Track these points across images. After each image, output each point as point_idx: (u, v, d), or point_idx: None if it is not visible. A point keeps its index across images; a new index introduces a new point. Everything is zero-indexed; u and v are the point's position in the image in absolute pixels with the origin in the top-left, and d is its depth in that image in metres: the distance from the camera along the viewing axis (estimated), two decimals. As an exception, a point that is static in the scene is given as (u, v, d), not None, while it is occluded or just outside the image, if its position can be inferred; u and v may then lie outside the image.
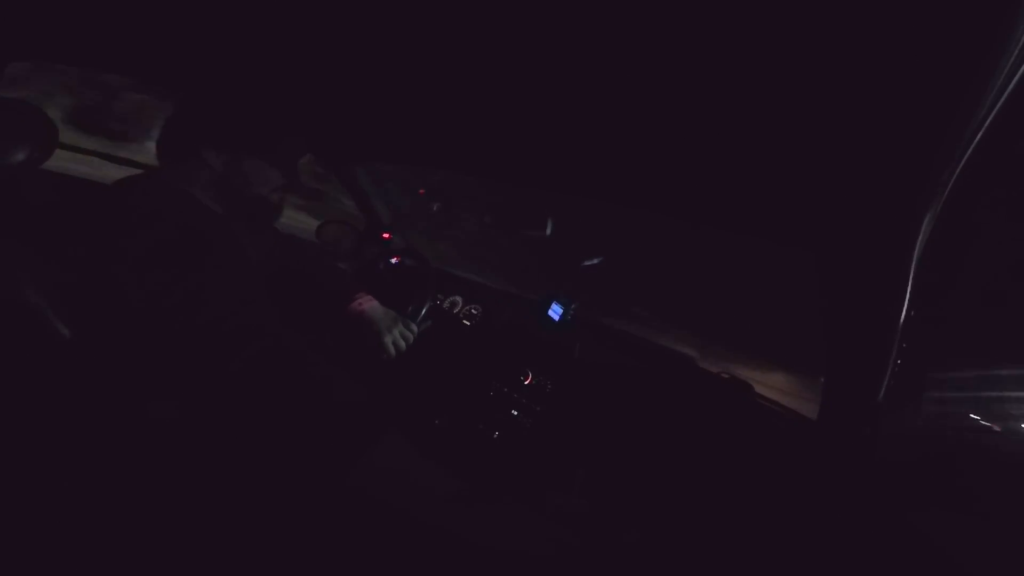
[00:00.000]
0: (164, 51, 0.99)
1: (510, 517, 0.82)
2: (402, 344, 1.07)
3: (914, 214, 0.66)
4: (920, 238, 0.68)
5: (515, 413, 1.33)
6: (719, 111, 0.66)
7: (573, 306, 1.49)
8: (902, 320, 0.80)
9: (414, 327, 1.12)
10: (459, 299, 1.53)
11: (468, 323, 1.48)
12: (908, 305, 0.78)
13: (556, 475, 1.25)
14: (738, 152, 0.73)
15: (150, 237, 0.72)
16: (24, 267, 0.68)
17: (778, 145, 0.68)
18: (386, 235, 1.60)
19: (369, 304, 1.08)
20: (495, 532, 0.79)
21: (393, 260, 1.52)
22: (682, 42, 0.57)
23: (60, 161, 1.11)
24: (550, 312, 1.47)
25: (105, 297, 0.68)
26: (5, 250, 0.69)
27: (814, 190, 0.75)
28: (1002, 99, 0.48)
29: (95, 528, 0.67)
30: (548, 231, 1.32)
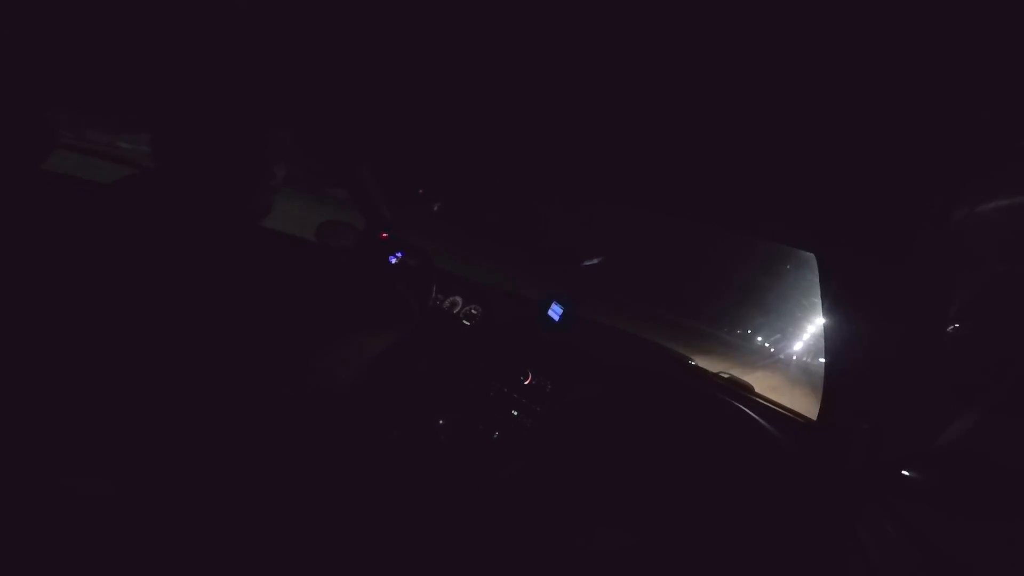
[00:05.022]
0: (160, 51, 0.99)
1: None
2: None
3: (910, 214, 0.66)
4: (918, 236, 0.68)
5: (515, 413, 1.33)
6: (723, 112, 0.66)
7: (570, 306, 1.49)
8: (903, 320, 0.80)
9: None
10: (459, 299, 1.53)
11: (468, 323, 1.48)
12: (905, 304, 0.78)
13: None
14: (742, 152, 0.73)
15: (155, 241, 0.71)
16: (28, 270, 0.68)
17: (781, 146, 0.68)
18: (385, 235, 1.60)
19: None
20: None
21: (393, 260, 1.52)
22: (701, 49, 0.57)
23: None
24: (550, 312, 1.47)
25: (109, 302, 0.68)
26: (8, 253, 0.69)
27: (816, 191, 0.75)
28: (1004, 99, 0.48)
29: (93, 526, 0.67)
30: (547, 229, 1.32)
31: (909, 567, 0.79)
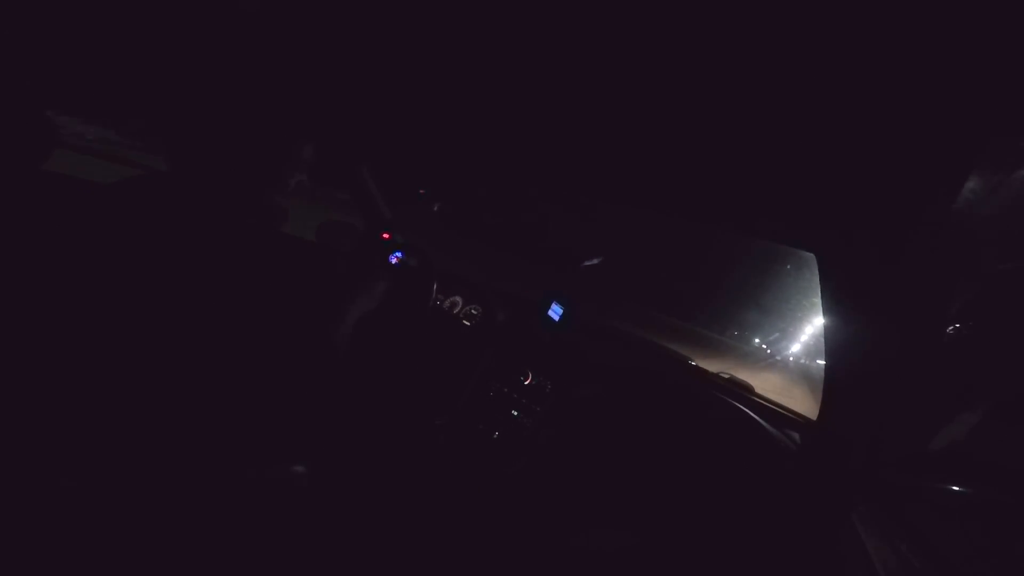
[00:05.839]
0: (170, 57, 0.98)
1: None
2: None
3: (911, 215, 0.66)
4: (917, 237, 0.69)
5: (515, 413, 1.33)
6: (722, 110, 0.66)
7: (570, 306, 1.49)
8: (903, 320, 0.80)
9: None
10: (459, 299, 1.53)
11: (468, 323, 1.48)
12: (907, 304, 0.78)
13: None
14: (741, 151, 0.73)
15: (160, 243, 0.71)
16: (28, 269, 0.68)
17: (781, 145, 0.68)
18: (386, 235, 1.60)
19: None
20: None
21: (394, 260, 1.52)
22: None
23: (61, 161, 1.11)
24: (550, 312, 1.47)
25: (113, 301, 0.68)
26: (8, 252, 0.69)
27: (816, 190, 0.75)
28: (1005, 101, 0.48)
29: (94, 527, 0.67)
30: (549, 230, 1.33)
31: (909, 567, 0.80)
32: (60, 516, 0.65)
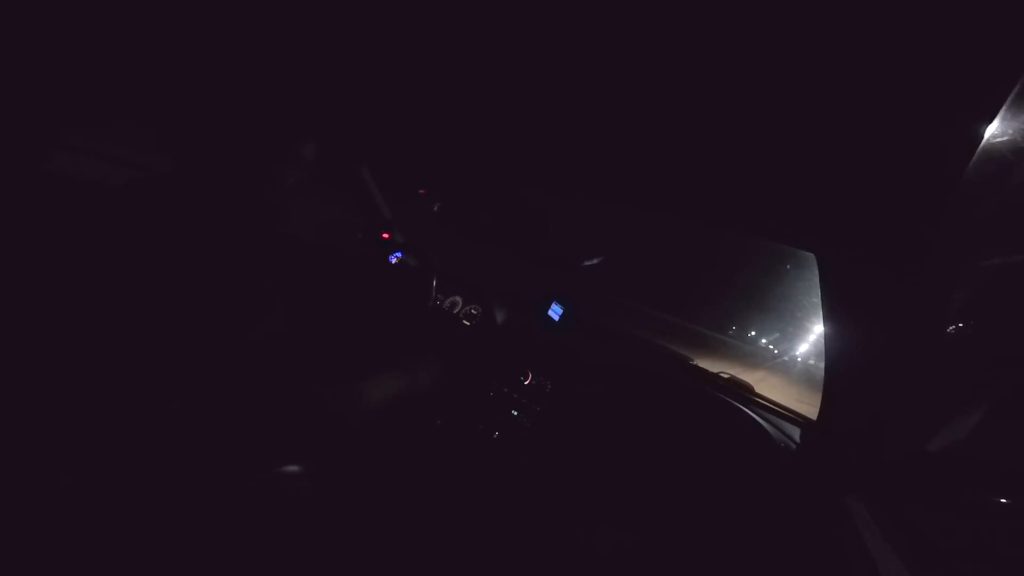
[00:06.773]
0: (171, 54, 0.99)
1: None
2: None
3: (910, 215, 0.66)
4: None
5: (515, 413, 1.33)
6: (723, 110, 0.66)
7: (570, 306, 1.49)
8: (903, 319, 0.80)
9: None
10: (459, 299, 1.53)
11: (468, 323, 1.48)
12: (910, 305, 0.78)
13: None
14: (742, 151, 0.73)
15: (162, 244, 0.72)
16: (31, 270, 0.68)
17: (781, 144, 0.68)
18: (386, 235, 1.60)
19: None
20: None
21: (394, 260, 1.52)
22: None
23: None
24: (550, 312, 1.47)
25: (114, 302, 0.68)
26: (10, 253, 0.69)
27: (815, 190, 0.75)
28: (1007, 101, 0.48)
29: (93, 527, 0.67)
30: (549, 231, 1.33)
31: (909, 567, 0.79)
32: (60, 515, 0.65)
